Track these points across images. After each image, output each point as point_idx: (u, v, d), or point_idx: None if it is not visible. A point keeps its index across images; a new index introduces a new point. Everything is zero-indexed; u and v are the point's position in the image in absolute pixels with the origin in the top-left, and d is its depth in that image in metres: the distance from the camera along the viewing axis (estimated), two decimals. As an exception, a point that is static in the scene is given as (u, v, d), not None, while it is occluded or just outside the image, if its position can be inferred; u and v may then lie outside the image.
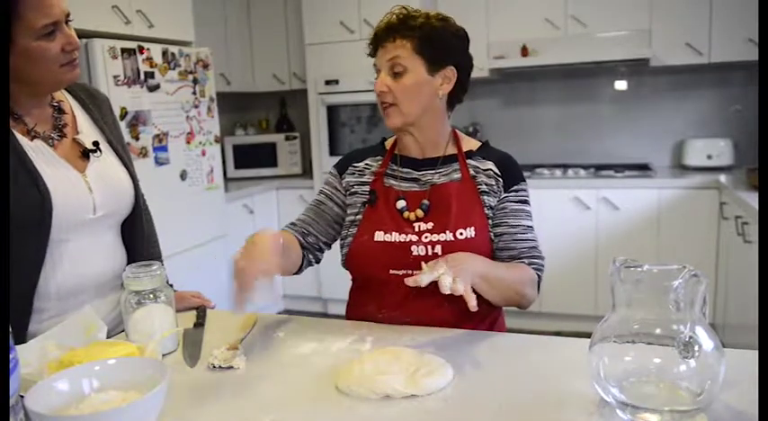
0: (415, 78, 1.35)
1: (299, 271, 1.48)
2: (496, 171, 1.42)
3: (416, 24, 1.34)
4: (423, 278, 1.14)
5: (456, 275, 1.14)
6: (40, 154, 1.27)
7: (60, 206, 1.25)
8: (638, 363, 0.88)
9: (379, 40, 1.38)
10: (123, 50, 2.87)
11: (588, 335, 0.96)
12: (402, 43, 1.34)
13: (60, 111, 1.36)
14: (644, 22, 3.75)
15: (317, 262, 1.54)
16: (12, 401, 0.90)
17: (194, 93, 3.36)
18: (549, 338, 1.27)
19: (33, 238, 1.23)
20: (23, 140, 1.25)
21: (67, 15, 1.23)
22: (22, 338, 1.22)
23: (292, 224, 1.53)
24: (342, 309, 1.57)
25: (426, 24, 1.35)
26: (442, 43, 1.36)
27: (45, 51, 1.20)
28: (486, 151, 1.47)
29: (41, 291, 1.27)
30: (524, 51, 3.96)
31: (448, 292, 1.11)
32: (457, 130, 1.51)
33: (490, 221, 1.40)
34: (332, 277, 3.93)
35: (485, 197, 1.40)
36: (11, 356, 0.91)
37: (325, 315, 1.15)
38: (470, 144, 1.48)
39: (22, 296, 1.24)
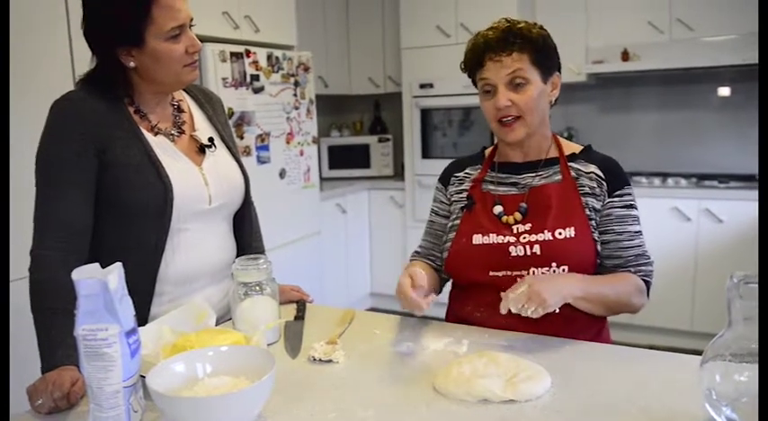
0: (537, 89, 1.36)
1: (439, 292, 1.56)
2: (600, 174, 1.41)
3: (531, 36, 1.35)
4: (505, 305, 1.20)
5: (532, 297, 1.18)
6: (162, 148, 1.36)
7: (180, 196, 1.33)
8: (755, 384, 0.84)
9: (488, 54, 1.36)
10: (232, 54, 3.02)
11: (683, 351, 0.93)
12: (520, 57, 1.34)
13: (180, 109, 1.45)
14: (755, 24, 3.53)
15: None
16: (133, 380, 0.98)
17: (295, 95, 3.47)
18: (649, 352, 1.23)
19: (156, 225, 1.32)
20: (148, 136, 1.35)
21: (191, 20, 1.32)
22: (143, 320, 1.30)
23: (416, 253, 1.59)
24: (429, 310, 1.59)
25: (538, 35, 1.36)
26: (550, 51, 1.39)
27: (171, 52, 1.29)
28: (588, 154, 1.46)
29: (162, 276, 1.36)
30: (625, 56, 3.84)
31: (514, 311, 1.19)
32: (556, 135, 1.51)
33: (593, 222, 1.39)
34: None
35: (587, 198, 1.40)
36: (134, 338, 0.98)
37: (411, 315, 1.17)
38: (572, 148, 1.48)
39: (145, 279, 1.33)
